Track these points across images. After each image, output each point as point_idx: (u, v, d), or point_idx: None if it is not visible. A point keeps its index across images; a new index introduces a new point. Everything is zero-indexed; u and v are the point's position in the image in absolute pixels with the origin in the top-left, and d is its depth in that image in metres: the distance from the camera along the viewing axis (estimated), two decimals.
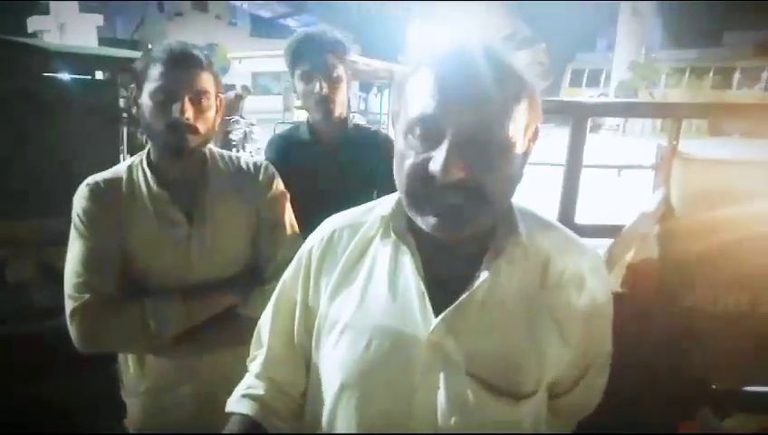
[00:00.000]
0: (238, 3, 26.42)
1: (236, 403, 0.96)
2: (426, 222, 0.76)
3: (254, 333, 1.02)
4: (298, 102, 1.90)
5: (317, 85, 1.72)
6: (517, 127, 0.73)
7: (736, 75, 19.45)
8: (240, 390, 0.98)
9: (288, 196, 1.48)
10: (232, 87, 11.04)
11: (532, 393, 0.82)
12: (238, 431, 0.92)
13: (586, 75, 23.81)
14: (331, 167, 1.74)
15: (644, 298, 1.53)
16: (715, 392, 1.39)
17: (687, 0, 20.88)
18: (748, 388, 1.31)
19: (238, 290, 1.35)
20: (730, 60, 18.79)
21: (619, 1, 20.09)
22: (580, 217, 1.77)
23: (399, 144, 0.78)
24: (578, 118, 1.55)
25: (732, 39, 21.76)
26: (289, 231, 1.43)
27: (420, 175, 0.73)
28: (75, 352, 1.27)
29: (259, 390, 0.96)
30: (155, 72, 1.25)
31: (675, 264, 1.52)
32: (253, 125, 10.66)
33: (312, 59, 1.73)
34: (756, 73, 18.78)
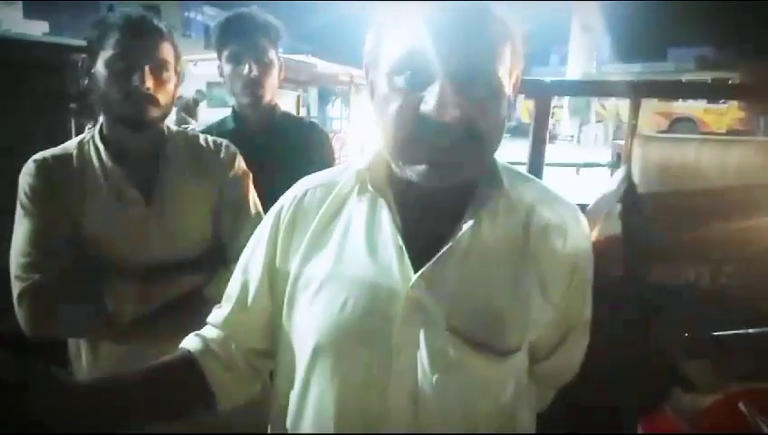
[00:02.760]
0: (192, 14, 26.06)
1: (187, 339, 0.93)
2: (415, 170, 0.73)
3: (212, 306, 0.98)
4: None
5: (246, 67, 1.65)
6: (504, 69, 0.72)
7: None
8: (198, 331, 0.94)
9: (251, 175, 1.43)
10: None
11: (515, 350, 0.80)
12: (170, 360, 0.88)
13: None
14: (258, 156, 1.57)
15: (608, 275, 1.54)
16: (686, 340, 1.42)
17: (633, 16, 21.82)
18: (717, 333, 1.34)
19: (199, 271, 1.29)
20: (675, 74, 19.65)
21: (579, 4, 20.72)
22: None
23: (383, 89, 0.74)
24: (540, 97, 1.57)
25: (676, 55, 22.84)
26: (252, 211, 1.38)
27: (410, 117, 0.70)
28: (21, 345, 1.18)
29: (212, 334, 0.92)
30: (112, 39, 1.19)
31: (637, 240, 1.55)
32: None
33: (243, 39, 1.66)
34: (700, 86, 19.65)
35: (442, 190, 0.76)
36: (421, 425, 0.78)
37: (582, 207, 1.72)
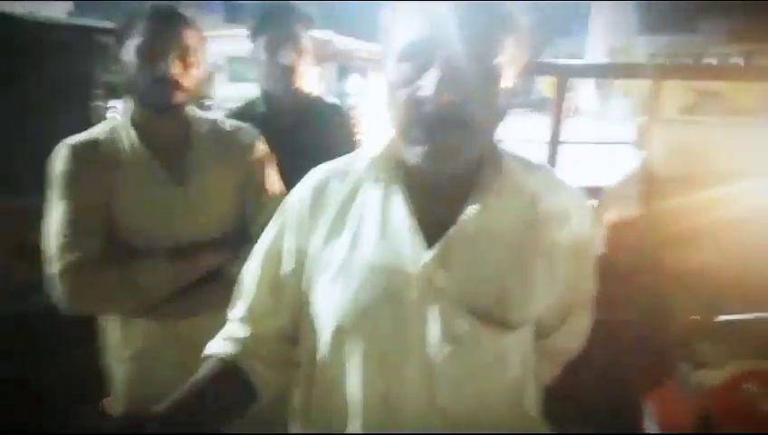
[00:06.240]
0: None
1: (216, 345, 0.95)
2: (414, 152, 0.76)
3: (236, 285, 1.00)
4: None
5: (283, 54, 1.72)
6: (505, 57, 0.74)
7: (711, 62, 19.63)
8: (221, 334, 0.97)
9: (274, 157, 1.47)
10: None
11: (522, 323, 0.85)
12: (212, 372, 0.90)
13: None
14: (287, 138, 1.66)
15: (625, 257, 1.55)
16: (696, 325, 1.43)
17: None
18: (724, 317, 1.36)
19: (226, 250, 1.34)
20: (704, 46, 19.03)
21: None
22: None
23: (391, 75, 0.78)
24: (560, 77, 1.57)
25: (706, 26, 22.03)
26: (276, 191, 1.42)
27: (410, 103, 0.74)
28: (54, 332, 1.22)
29: (241, 333, 0.94)
30: (140, 27, 1.24)
31: (655, 223, 1.55)
32: None
33: (281, 27, 1.73)
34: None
35: (447, 175, 0.79)
36: (436, 400, 0.82)
37: (598, 190, 1.73)
